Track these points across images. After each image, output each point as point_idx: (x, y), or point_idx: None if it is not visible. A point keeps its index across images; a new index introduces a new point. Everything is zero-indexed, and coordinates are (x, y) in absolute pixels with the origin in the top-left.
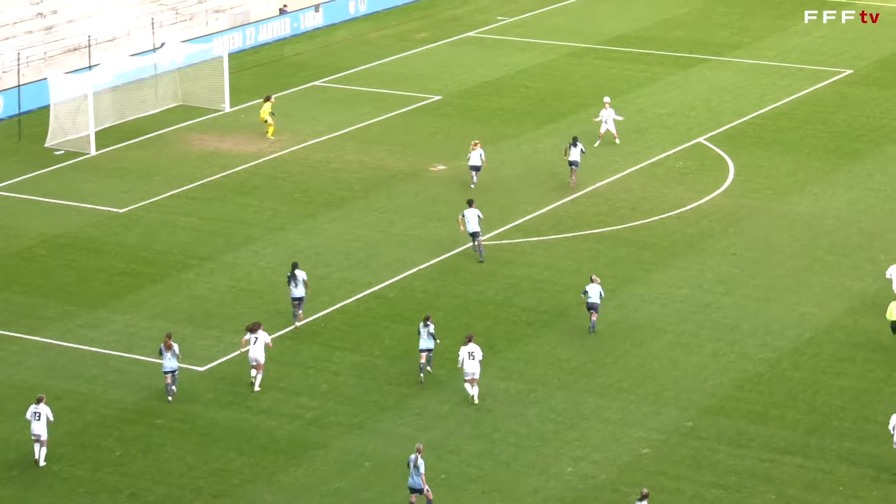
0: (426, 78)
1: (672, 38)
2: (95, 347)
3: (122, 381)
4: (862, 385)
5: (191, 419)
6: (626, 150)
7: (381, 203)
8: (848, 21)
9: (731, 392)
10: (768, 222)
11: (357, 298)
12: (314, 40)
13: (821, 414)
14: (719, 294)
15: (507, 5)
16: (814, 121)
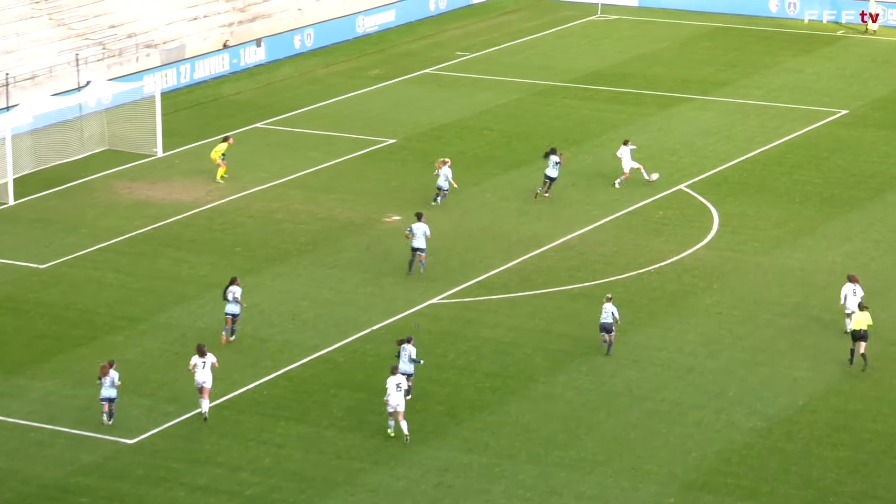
0: (379, 119)
1: (651, 76)
2: (14, 418)
3: (43, 456)
4: (860, 457)
5: (119, 497)
6: (599, 199)
7: (330, 257)
8: (844, 53)
9: (716, 465)
10: (756, 278)
11: (303, 363)
12: (256, 78)
13: (816, 489)
14: (703, 357)
15: (469, 39)
16: (806, 166)
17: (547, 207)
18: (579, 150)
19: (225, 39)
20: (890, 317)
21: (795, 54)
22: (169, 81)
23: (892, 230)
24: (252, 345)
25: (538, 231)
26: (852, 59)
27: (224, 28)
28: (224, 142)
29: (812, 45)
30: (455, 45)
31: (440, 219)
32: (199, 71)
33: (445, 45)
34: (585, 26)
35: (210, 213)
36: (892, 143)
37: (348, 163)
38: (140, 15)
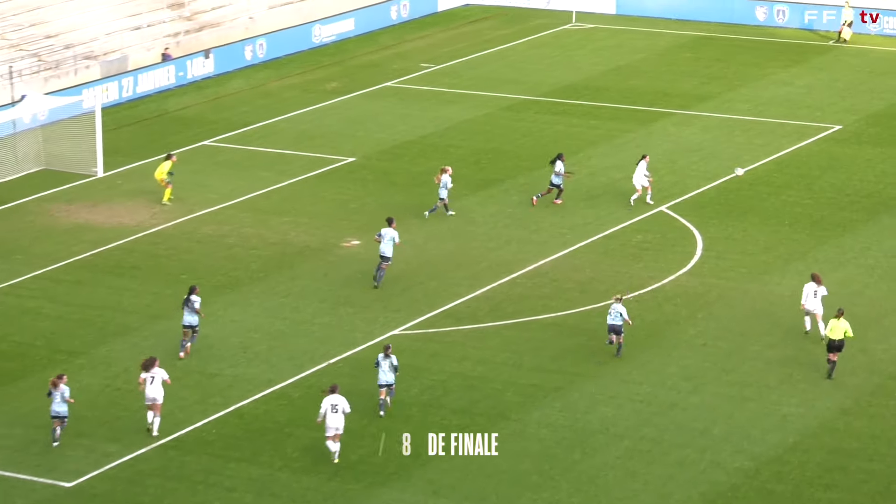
0: (337, 136)
1: (629, 89)
2: None
3: None
4: (855, 499)
5: None
6: (574, 221)
7: (284, 285)
8: (837, 64)
9: None
10: (744, 306)
11: (255, 399)
12: (203, 92)
13: None
14: (686, 392)
15: (433, 50)
16: (796, 186)
17: (517, 231)
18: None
19: (165, 49)
20: (888, 348)
21: (785, 65)
22: (110, 96)
23: (889, 255)
24: (200, 380)
25: (508, 257)
26: (846, 70)
27: (169, 38)
28: (167, 159)
29: (803, 56)
30: (419, 56)
31: (402, 243)
32: (142, 84)
33: (408, 57)
34: (559, 36)
35: (154, 237)
36: (888, 161)
37: (303, 183)
38: (79, 24)
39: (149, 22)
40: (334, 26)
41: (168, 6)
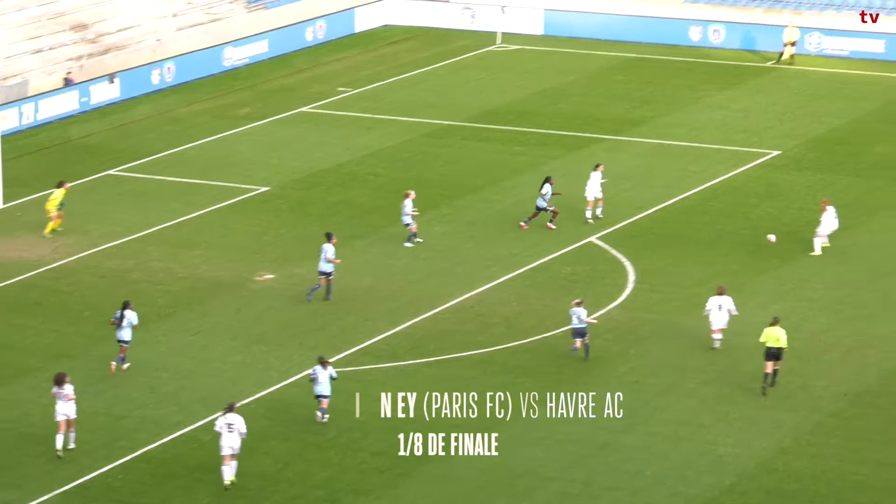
0: (250, 164)
1: (556, 113)
2: None
3: None
4: None
5: None
6: (499, 253)
7: (194, 322)
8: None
9: None
10: (678, 342)
11: (163, 443)
12: (108, 118)
13: None
14: (618, 432)
15: (351, 73)
16: (733, 214)
17: (440, 264)
18: (476, 197)
19: (67, 73)
20: (828, 385)
21: (721, 88)
22: (9, 122)
23: (829, 287)
24: (105, 423)
25: (430, 290)
26: (785, 93)
27: (72, 62)
28: (59, 187)
29: (739, 78)
30: (335, 79)
31: (317, 277)
32: (43, 111)
33: (325, 80)
34: (483, 57)
35: (56, 272)
36: (829, 188)
37: (214, 214)
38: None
39: (50, 45)
40: (246, 49)
41: (71, 28)
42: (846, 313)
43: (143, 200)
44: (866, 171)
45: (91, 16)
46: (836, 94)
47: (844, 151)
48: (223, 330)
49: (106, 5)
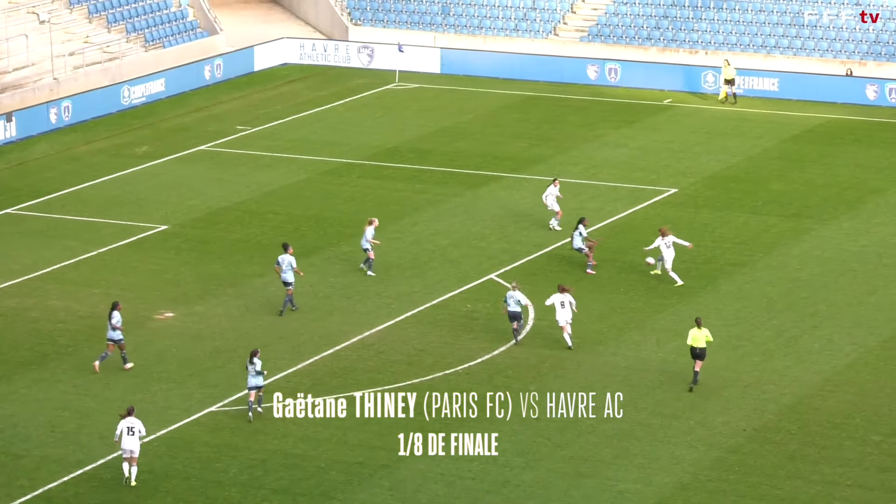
0: (148, 203)
1: (455, 152)
2: None
3: None
4: None
5: None
6: (400, 291)
7: (94, 360)
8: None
9: None
10: (577, 378)
11: (64, 481)
12: (5, 157)
13: None
14: (518, 469)
15: (249, 112)
16: (632, 251)
17: (340, 301)
18: (377, 235)
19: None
20: (727, 420)
21: (617, 126)
22: None
23: (728, 323)
24: (5, 461)
25: (330, 328)
26: (681, 130)
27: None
28: None
29: (636, 116)
30: (234, 118)
31: (218, 315)
32: None
33: (223, 119)
34: (381, 96)
35: None
36: (726, 226)
37: (113, 252)
38: None
39: None
40: (144, 87)
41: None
42: (744, 349)
43: (42, 239)
44: (763, 208)
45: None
46: (732, 132)
47: (741, 189)
48: (123, 368)
49: (2, 44)
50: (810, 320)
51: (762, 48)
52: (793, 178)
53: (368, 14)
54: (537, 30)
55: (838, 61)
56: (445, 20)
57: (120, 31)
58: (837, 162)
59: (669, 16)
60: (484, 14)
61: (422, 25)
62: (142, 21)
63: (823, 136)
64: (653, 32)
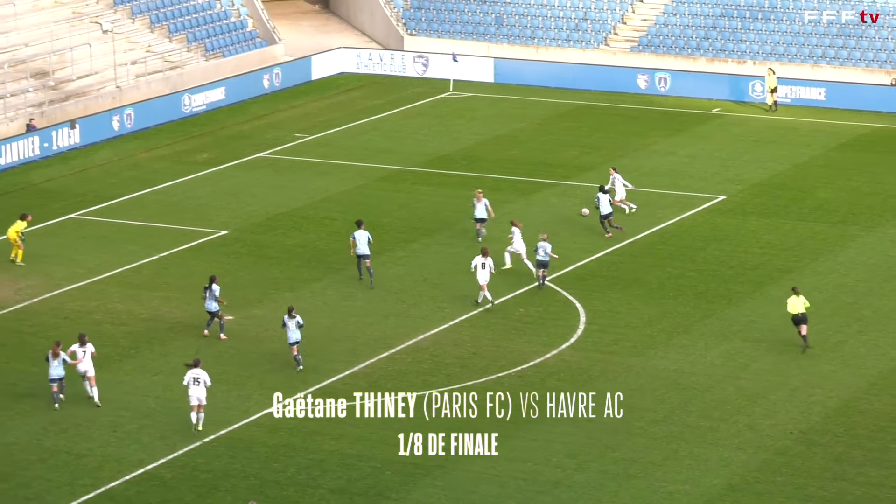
0: (208, 208)
1: (508, 159)
2: None
3: None
4: None
5: None
6: (454, 295)
7: (155, 362)
8: (720, 133)
9: None
10: (627, 381)
11: (126, 480)
12: (70, 163)
13: None
14: (571, 469)
15: (307, 119)
16: (680, 258)
17: (396, 305)
18: (432, 240)
19: (30, 119)
20: (775, 423)
21: (667, 135)
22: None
23: (774, 328)
24: (68, 461)
25: (386, 332)
26: (729, 139)
27: (33, 108)
28: (22, 220)
29: (685, 125)
30: (292, 125)
31: (276, 318)
32: (5, 156)
33: (281, 126)
34: (436, 105)
35: (19, 314)
36: (773, 232)
37: (174, 257)
38: None
39: (12, 91)
40: (205, 95)
41: (32, 75)
42: (791, 353)
43: (104, 244)
44: (809, 216)
45: (52, 63)
46: (779, 141)
47: (788, 196)
48: (183, 370)
49: (66, 53)
50: (856, 325)
51: (809, 58)
52: (839, 186)
53: (423, 24)
54: (589, 40)
55: (884, 71)
56: (499, 30)
57: (181, 40)
58: (883, 170)
59: (718, 26)
60: (536, 24)
61: (476, 35)
62: (202, 31)
63: (869, 144)
64: (702, 43)
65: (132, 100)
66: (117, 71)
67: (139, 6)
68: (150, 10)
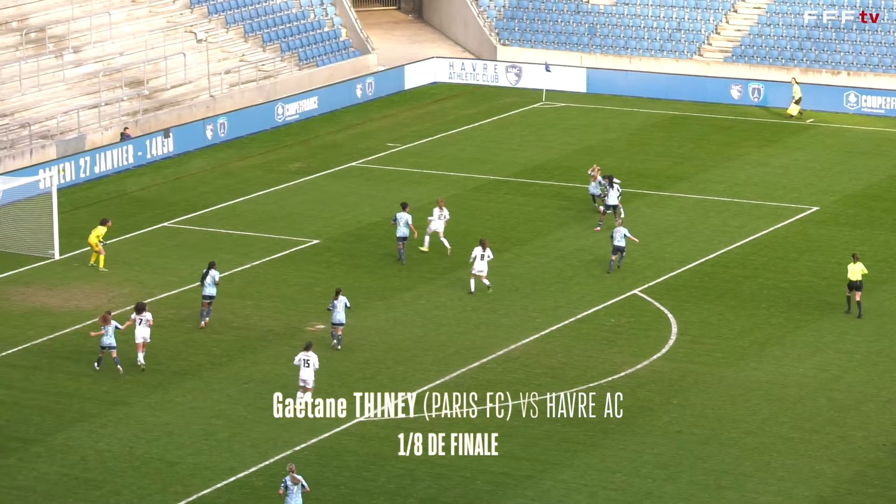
0: (301, 217)
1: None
2: None
3: None
4: None
5: None
6: (545, 305)
7: (247, 371)
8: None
9: None
10: (719, 392)
11: (217, 488)
12: (163, 172)
13: None
14: (661, 480)
15: (399, 129)
16: (773, 268)
17: (486, 315)
18: (523, 250)
19: (124, 128)
20: (867, 435)
21: (760, 145)
22: (67, 176)
23: (867, 340)
24: (160, 468)
25: (477, 341)
26: (823, 150)
27: (128, 117)
28: (102, 225)
29: (778, 136)
30: (384, 135)
31: (367, 327)
32: (100, 164)
33: (374, 136)
34: (528, 115)
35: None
36: (867, 244)
37: (266, 266)
38: (34, 102)
39: (107, 101)
40: (298, 104)
41: (127, 85)
42: (884, 365)
43: (197, 252)
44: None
45: (146, 73)
46: (873, 152)
47: (881, 207)
48: (275, 378)
49: (161, 62)
50: None
51: None
52: None
53: (516, 34)
54: (682, 50)
55: None
56: (592, 41)
57: (274, 49)
58: None
59: (812, 37)
60: (630, 35)
61: (569, 46)
62: (296, 40)
63: None
64: (796, 53)
65: (225, 109)
66: (211, 80)
67: (233, 15)
68: (245, 19)
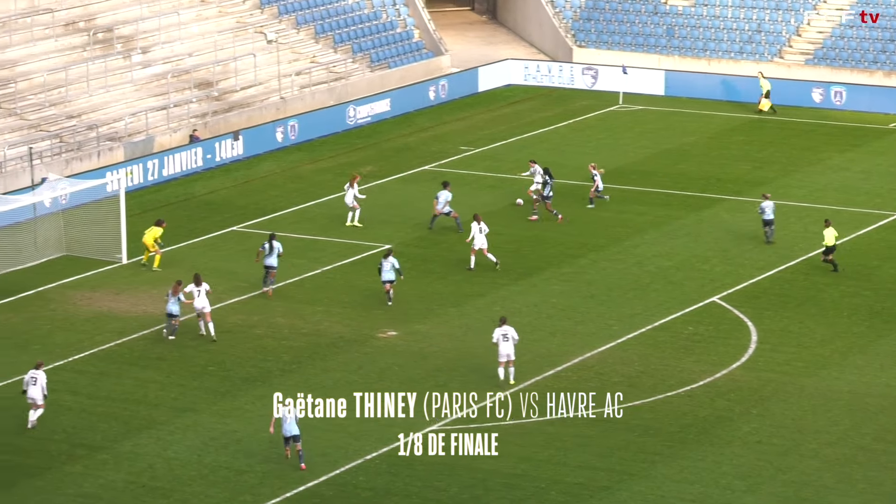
0: (373, 222)
1: (678, 173)
2: None
3: None
4: None
5: None
6: (622, 312)
7: (317, 377)
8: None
9: None
10: (800, 402)
11: (286, 497)
12: (232, 174)
13: None
14: (741, 492)
15: (472, 132)
16: (855, 276)
17: (562, 322)
18: (599, 256)
19: (193, 130)
20: None
21: (841, 150)
22: (135, 179)
23: None
24: (228, 476)
25: (552, 349)
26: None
27: (197, 119)
28: (158, 226)
29: (860, 140)
30: (457, 138)
31: (440, 334)
32: (168, 167)
33: (446, 139)
34: (604, 118)
35: (180, 327)
36: None
37: (337, 271)
38: (102, 104)
39: (175, 102)
40: (369, 107)
41: (195, 86)
42: None
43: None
44: None
45: (215, 74)
46: None
47: None
48: (346, 385)
49: (230, 64)
50: None
51: None
52: None
53: (593, 36)
54: (762, 52)
55: None
56: (670, 42)
57: (346, 51)
58: None
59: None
60: (709, 36)
61: (646, 47)
62: (367, 41)
63: None
64: (879, 56)
65: (296, 111)
66: (281, 82)
67: (304, 16)
68: (315, 20)
